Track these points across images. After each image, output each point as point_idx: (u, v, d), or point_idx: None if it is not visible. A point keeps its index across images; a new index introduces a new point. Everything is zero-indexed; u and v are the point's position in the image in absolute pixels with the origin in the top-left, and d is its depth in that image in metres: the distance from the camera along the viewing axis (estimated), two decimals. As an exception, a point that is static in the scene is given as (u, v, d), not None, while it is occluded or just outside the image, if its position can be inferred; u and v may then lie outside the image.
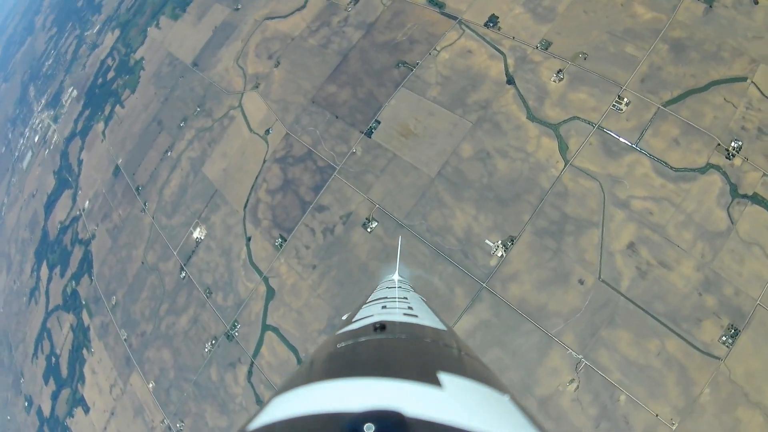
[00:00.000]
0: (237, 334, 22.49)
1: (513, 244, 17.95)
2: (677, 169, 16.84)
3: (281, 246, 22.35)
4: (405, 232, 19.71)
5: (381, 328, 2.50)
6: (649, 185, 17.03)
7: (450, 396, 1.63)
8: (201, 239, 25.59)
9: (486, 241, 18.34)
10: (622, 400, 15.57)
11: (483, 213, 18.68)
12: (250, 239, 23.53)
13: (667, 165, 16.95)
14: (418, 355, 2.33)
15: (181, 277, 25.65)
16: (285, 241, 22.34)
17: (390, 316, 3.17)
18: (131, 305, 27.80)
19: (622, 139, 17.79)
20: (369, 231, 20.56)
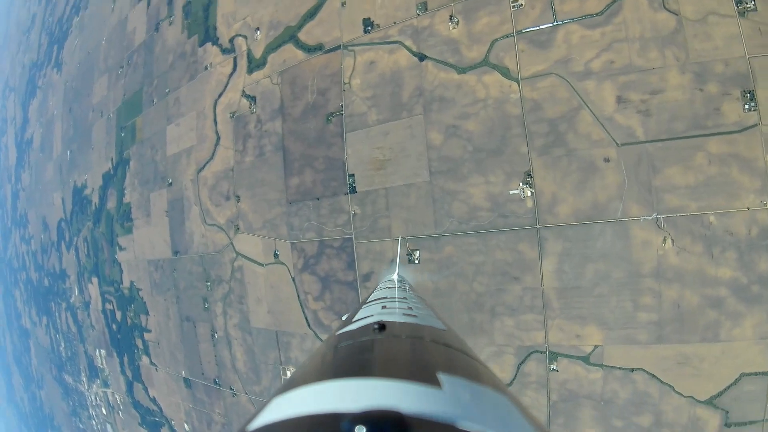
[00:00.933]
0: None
1: (532, 177, 18.34)
2: (601, 12, 17.33)
3: (362, 330, 22.61)
4: (445, 239, 20.11)
5: (381, 328, 2.47)
6: (592, 42, 17.50)
7: (449, 396, 1.64)
8: (297, 378, 25.84)
9: (510, 192, 18.74)
10: (712, 221, 15.73)
11: (490, 173, 19.14)
12: (334, 345, 23.80)
13: (592, 15, 17.47)
14: (417, 355, 2.32)
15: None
16: (361, 324, 22.60)
17: (390, 316, 3.14)
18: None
19: (541, 27, 18.38)
20: (417, 262, 20.96)
